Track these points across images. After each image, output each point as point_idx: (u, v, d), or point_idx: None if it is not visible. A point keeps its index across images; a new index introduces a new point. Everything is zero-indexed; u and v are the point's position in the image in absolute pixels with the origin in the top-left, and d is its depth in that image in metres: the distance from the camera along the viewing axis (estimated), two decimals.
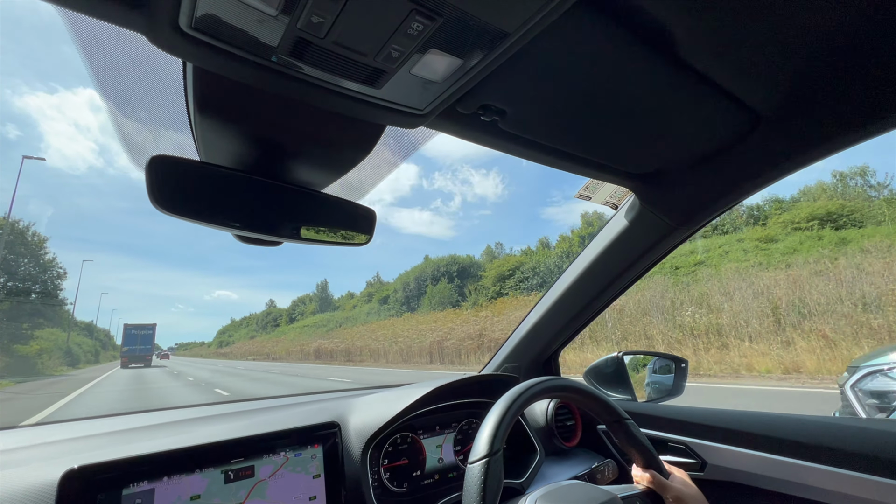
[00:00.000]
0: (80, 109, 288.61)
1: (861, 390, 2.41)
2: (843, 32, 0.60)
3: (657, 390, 1.45)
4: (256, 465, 0.79)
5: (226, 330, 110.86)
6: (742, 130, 0.80)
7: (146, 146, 0.71)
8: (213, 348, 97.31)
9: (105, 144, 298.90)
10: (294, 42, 0.46)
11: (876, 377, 2.39)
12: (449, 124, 0.72)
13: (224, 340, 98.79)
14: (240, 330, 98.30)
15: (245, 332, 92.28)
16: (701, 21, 0.57)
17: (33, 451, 0.77)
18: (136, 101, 0.63)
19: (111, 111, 0.63)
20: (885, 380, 2.34)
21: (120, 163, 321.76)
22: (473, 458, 0.64)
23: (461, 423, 1.17)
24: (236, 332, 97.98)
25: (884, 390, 2.32)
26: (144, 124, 0.68)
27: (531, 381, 0.75)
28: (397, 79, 0.53)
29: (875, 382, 2.38)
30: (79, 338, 51.29)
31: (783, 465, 0.89)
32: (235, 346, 75.67)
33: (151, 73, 0.57)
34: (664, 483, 0.79)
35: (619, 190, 1.13)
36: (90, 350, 53.24)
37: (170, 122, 0.66)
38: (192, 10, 0.42)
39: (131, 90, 0.61)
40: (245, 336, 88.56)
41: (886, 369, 2.38)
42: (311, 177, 0.76)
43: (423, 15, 0.43)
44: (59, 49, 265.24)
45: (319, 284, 73.85)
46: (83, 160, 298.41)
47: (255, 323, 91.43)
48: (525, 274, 30.30)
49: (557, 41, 0.57)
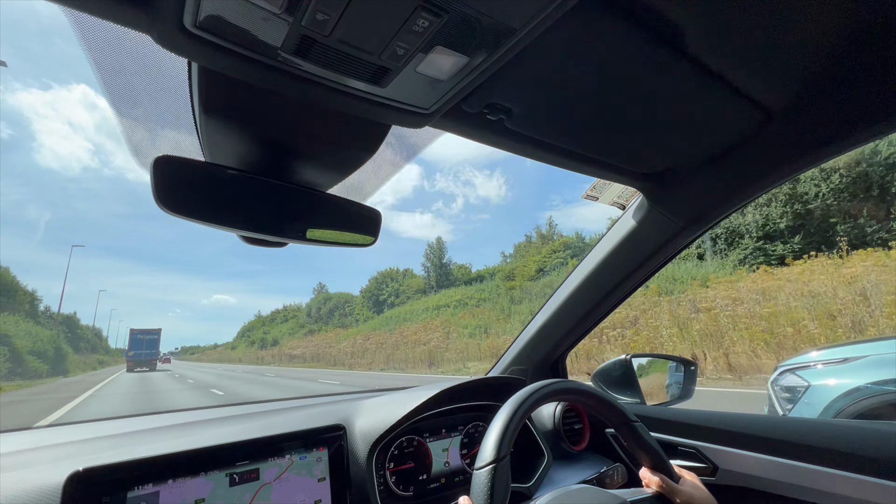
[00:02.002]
0: (73, 107, 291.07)
1: (778, 386, 2.89)
2: (854, 29, 0.59)
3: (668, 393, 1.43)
4: (261, 468, 0.78)
5: (253, 326, 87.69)
6: (752, 128, 0.79)
7: (151, 147, 0.71)
8: (241, 350, 75.63)
9: (101, 144, 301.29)
10: (299, 40, 0.45)
11: (787, 375, 2.87)
12: (454, 123, 0.71)
13: (259, 339, 73.78)
14: (277, 326, 77.12)
15: (289, 328, 70.24)
16: (711, 18, 0.56)
17: (39, 454, 0.77)
18: (142, 102, 0.63)
19: (117, 112, 0.63)
20: (793, 377, 2.83)
21: (116, 163, 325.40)
22: (480, 464, 0.63)
23: (468, 426, 1.16)
24: (275, 329, 76.20)
25: (792, 385, 2.80)
26: (150, 125, 0.68)
27: (537, 385, 0.74)
28: (402, 77, 0.52)
29: (787, 380, 2.85)
30: (26, 324, 32.35)
31: (798, 470, 0.86)
32: (294, 345, 52.46)
33: (157, 74, 0.57)
34: (674, 487, 0.77)
35: (627, 190, 1.12)
36: (45, 349, 30.61)
37: (175, 122, 0.66)
38: (196, 10, 0.41)
39: (137, 91, 0.61)
40: (289, 332, 66.95)
41: (794, 368, 2.86)
42: (316, 177, 0.75)
43: (428, 11, 0.42)
44: (52, 41, 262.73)
45: (365, 289, 56.57)
46: (77, 160, 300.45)
47: (310, 313, 69.03)
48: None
49: (564, 38, 0.57)
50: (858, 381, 2.53)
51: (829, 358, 2.80)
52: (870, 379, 2.50)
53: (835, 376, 2.67)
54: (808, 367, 2.84)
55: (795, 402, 2.75)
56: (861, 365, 2.62)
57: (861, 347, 2.76)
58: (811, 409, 2.68)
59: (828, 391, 2.64)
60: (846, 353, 2.75)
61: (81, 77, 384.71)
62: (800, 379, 2.80)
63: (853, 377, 2.58)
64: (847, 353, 2.74)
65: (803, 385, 2.77)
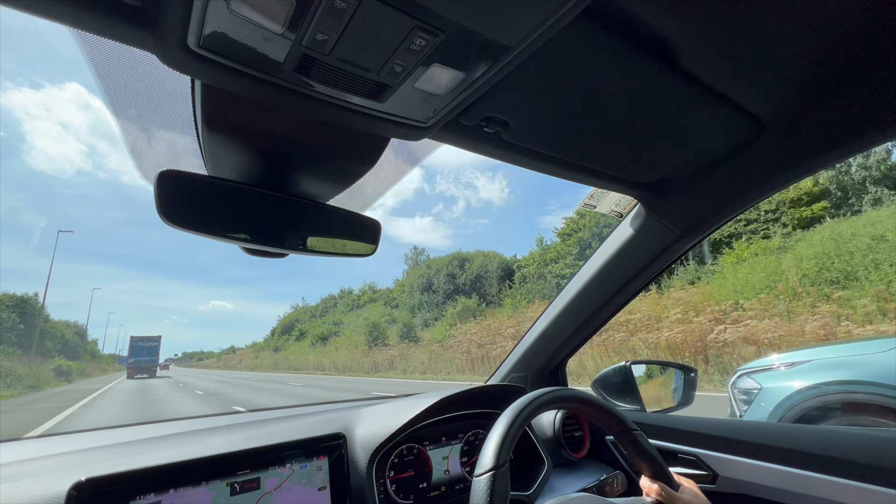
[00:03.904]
0: (66, 106, 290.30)
1: (736, 389, 3.07)
2: (844, 38, 0.60)
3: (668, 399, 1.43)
4: (262, 477, 0.79)
5: (292, 322, 56.18)
6: (746, 138, 0.80)
7: (155, 160, 0.72)
8: (304, 351, 41.61)
9: (94, 145, 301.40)
10: (299, 59, 0.47)
11: (744, 378, 3.04)
12: (452, 136, 0.72)
13: (322, 333, 42.22)
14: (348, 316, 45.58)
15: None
16: (703, 31, 0.57)
17: (42, 463, 0.77)
18: (147, 118, 0.65)
19: (122, 127, 0.64)
20: (749, 380, 2.99)
21: (109, 165, 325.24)
22: (479, 472, 0.64)
23: (468, 434, 1.16)
24: (347, 316, 46.02)
25: (748, 388, 2.96)
26: (154, 140, 0.69)
27: (536, 393, 0.74)
28: (401, 93, 0.53)
29: (744, 382, 3.02)
30: None
31: (798, 477, 0.86)
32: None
33: (161, 91, 0.59)
34: (673, 495, 0.77)
35: (624, 198, 1.13)
36: None
37: (179, 137, 0.67)
38: (200, 29, 0.43)
39: (142, 107, 0.62)
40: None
41: (751, 372, 3.03)
42: (317, 189, 0.76)
43: (425, 31, 0.44)
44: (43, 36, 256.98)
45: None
46: (70, 163, 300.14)
47: (361, 301, 46.61)
48: None
49: (559, 53, 0.58)
50: (802, 384, 2.69)
51: (780, 362, 2.94)
52: (811, 382, 2.66)
53: (782, 380, 2.83)
54: (762, 370, 2.98)
55: (750, 403, 2.90)
56: (805, 369, 2.76)
57: (807, 353, 2.90)
58: (763, 411, 2.81)
59: (776, 393, 2.79)
60: (795, 357, 2.90)
61: (73, 76, 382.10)
62: (754, 382, 2.95)
63: (798, 380, 2.73)
64: (795, 358, 2.88)
65: (757, 388, 2.91)
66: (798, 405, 2.66)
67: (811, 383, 2.65)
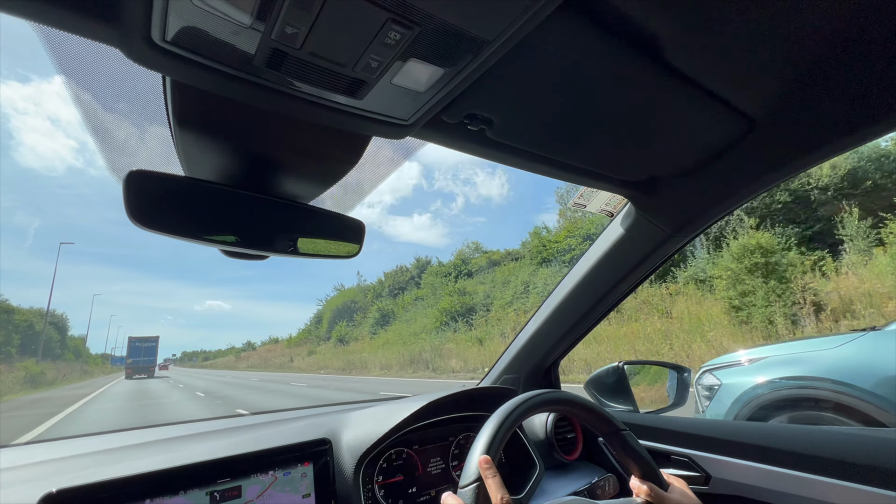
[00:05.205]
0: (54, 100, 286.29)
1: (700, 385, 3.14)
2: (834, 35, 0.59)
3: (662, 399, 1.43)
4: (244, 485, 0.77)
5: (347, 305, 43.30)
6: (736, 136, 0.79)
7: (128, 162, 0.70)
8: (406, 339, 26.06)
9: (85, 141, 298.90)
10: (270, 53, 0.45)
11: (706, 375, 3.11)
12: (435, 134, 0.71)
13: (449, 306, 24.13)
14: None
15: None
16: (689, 26, 0.56)
17: (17, 473, 0.75)
18: (117, 116, 0.63)
19: (91, 126, 0.62)
20: (710, 377, 3.07)
21: (100, 163, 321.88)
22: (464, 483, 0.62)
23: (458, 437, 1.14)
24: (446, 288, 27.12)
25: (710, 384, 3.04)
26: (125, 139, 0.67)
27: (523, 397, 0.73)
28: (378, 89, 0.52)
29: (706, 379, 3.10)
30: None
31: (791, 478, 0.86)
32: None
33: (130, 87, 0.57)
34: (662, 495, 0.76)
35: (615, 198, 1.11)
36: None
37: (151, 136, 0.65)
38: (163, 23, 0.41)
39: (111, 104, 0.60)
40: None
41: (713, 368, 3.10)
42: (297, 189, 0.75)
43: (399, 24, 0.42)
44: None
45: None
46: (61, 159, 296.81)
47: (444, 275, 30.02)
48: None
49: (542, 48, 0.56)
50: (758, 380, 2.76)
51: (740, 359, 3.03)
52: (767, 377, 2.73)
53: (740, 376, 2.89)
54: (723, 367, 3.06)
55: (711, 399, 2.99)
56: (761, 365, 2.83)
57: (767, 349, 2.96)
58: (722, 406, 2.88)
59: (734, 389, 2.86)
60: (752, 354, 2.97)
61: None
62: (715, 378, 3.03)
63: (755, 376, 2.80)
64: (752, 355, 2.95)
65: (717, 384, 2.99)
66: (753, 401, 2.73)
67: (767, 379, 2.72)
